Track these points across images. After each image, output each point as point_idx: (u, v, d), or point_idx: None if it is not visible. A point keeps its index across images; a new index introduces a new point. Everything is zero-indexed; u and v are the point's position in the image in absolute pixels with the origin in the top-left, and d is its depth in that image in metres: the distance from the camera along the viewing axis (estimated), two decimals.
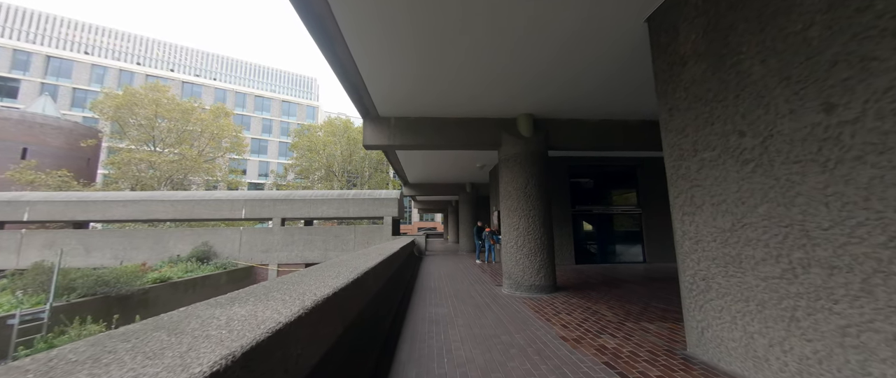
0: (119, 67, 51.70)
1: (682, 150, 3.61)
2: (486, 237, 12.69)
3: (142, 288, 9.99)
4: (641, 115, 7.61)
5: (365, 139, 7.44)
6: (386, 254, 5.23)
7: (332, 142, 39.30)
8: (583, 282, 8.12)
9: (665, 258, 11.59)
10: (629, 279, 8.41)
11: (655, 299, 6.04)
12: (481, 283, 8.16)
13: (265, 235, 16.61)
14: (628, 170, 12.28)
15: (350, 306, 2.59)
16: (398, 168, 14.19)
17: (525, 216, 6.96)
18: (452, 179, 17.25)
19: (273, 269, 16.21)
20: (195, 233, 16.52)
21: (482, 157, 12.49)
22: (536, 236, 6.90)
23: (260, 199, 16.94)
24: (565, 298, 6.26)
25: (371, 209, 17.20)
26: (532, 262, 6.81)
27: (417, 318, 5.05)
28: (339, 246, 16.84)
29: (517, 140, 7.27)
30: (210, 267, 14.48)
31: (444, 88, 6.11)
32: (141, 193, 17.19)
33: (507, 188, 7.27)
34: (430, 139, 7.51)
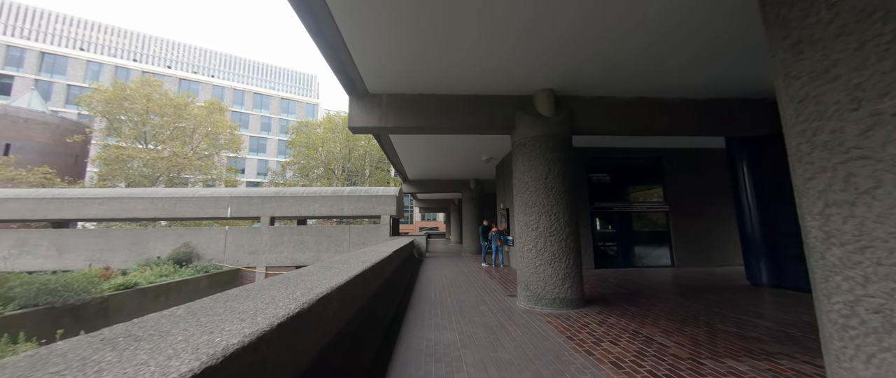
0: (115, 64, 50.66)
1: (825, 104, 2.30)
2: (493, 238, 11.40)
3: (100, 296, 8.77)
4: (685, 92, 6.30)
5: (350, 120, 6.16)
6: (370, 261, 3.96)
7: (330, 138, 38.06)
8: (611, 291, 6.81)
9: (696, 261, 10.26)
10: (666, 288, 7.09)
11: (718, 318, 4.74)
12: (491, 294, 6.87)
13: (252, 236, 15.38)
14: (653, 162, 10.95)
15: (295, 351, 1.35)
16: (396, 162, 12.91)
17: (546, 213, 5.67)
18: (455, 175, 15.96)
19: (261, 272, 14.98)
20: (177, 233, 15.31)
21: (488, 149, 11.20)
22: (560, 238, 5.60)
23: (247, 196, 15.71)
24: (599, 316, 4.96)
25: (367, 207, 15.94)
26: (555, 269, 5.51)
27: (411, 349, 3.77)
28: (332, 247, 15.59)
29: (535, 121, 5.97)
30: (190, 270, 13.26)
31: (452, 58, 4.82)
32: (119, 190, 16.01)
33: (523, 179, 5.97)
34: (430, 121, 6.22)
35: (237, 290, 2.03)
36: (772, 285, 6.87)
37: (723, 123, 6.65)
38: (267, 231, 15.45)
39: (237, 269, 15.06)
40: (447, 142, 10.45)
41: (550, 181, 5.73)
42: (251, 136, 58.27)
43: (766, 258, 6.94)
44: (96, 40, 56.96)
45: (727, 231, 10.52)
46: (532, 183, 5.83)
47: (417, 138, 9.89)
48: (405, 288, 7.47)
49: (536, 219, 5.72)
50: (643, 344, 3.76)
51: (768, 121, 6.62)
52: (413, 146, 10.80)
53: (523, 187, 5.97)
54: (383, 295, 4.70)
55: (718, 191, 10.75)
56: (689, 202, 10.63)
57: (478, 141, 10.26)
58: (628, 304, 5.74)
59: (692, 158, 10.87)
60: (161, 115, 29.74)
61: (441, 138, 10.09)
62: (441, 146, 10.91)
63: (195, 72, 60.52)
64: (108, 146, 27.06)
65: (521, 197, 6.00)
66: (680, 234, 10.44)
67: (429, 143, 10.42)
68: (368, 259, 4.21)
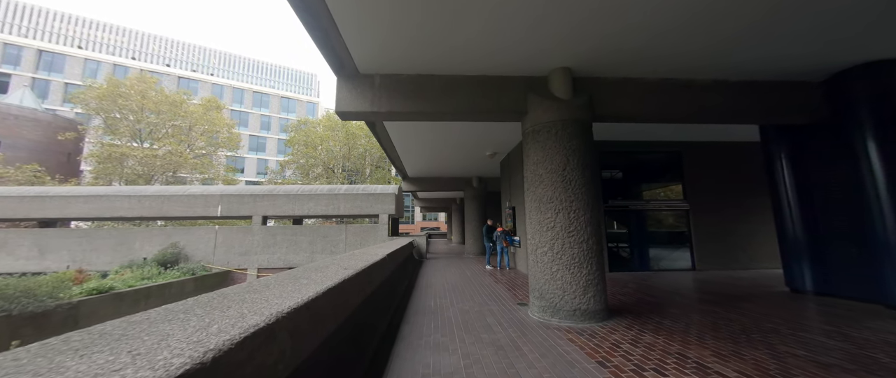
0: (113, 62, 50.14)
1: None
2: (498, 238, 10.61)
3: (67, 302, 8.01)
4: (722, 72, 5.50)
5: (338, 104, 5.38)
6: (356, 267, 3.19)
7: (329, 137, 37.31)
8: (634, 299, 6.01)
9: (719, 264, 9.44)
10: (695, 295, 6.28)
11: (775, 336, 3.93)
12: (498, 301, 6.08)
13: (244, 236, 14.62)
14: (671, 157, 10.13)
15: None
16: (394, 157, 12.14)
17: (564, 210, 4.87)
18: (457, 172, 15.18)
19: (252, 274, 14.23)
20: (164, 233, 14.57)
21: (493, 144, 10.41)
22: (581, 239, 4.80)
23: (238, 194, 14.95)
24: (631, 333, 4.16)
25: (365, 206, 15.17)
26: (575, 276, 4.72)
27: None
28: (327, 248, 14.82)
29: (550, 104, 5.18)
30: (176, 272, 12.51)
31: (460, 36, 4.04)
32: (104, 188, 15.28)
33: (537, 171, 5.18)
34: (429, 105, 5.44)
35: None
36: (818, 293, 6.05)
37: (766, 109, 5.83)
38: (259, 231, 14.69)
39: (227, 270, 14.29)
40: (449, 136, 9.68)
41: (569, 173, 4.93)
42: (251, 135, 57.71)
43: (811, 262, 6.12)
44: (94, 38, 56.48)
45: (751, 231, 9.70)
46: (547, 175, 5.04)
47: (417, 131, 9.12)
48: (402, 294, 6.69)
49: (552, 217, 4.93)
50: (698, 373, 2.97)
51: (822, 106, 5.81)
52: (412, 140, 10.03)
53: (536, 180, 5.18)
54: (373, 305, 3.92)
55: (742, 187, 9.94)
56: (711, 200, 9.81)
57: (482, 135, 9.48)
58: (659, 315, 4.94)
59: (714, 153, 10.04)
60: (156, 112, 29.04)
61: (442, 132, 9.33)
62: (442, 141, 10.14)
63: (194, 70, 60.03)
64: (100, 144, 26.37)
65: (534, 192, 5.21)
66: (701, 235, 9.62)
67: (429, 137, 9.66)
68: (353, 265, 3.44)
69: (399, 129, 8.92)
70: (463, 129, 9.04)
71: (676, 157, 10.12)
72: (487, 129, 9.01)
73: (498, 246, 10.73)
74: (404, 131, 9.08)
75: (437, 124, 8.61)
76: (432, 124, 8.61)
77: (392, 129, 8.82)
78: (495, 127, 8.75)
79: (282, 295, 1.96)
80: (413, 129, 8.94)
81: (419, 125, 8.62)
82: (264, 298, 1.86)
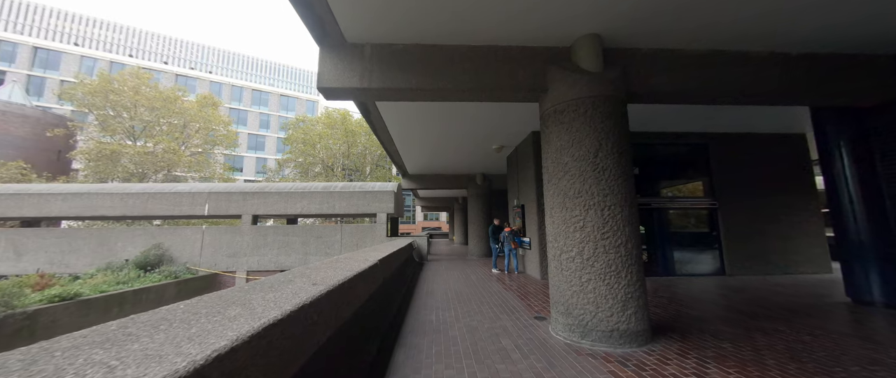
0: (110, 59, 49.43)
1: None
2: (506, 239, 9.69)
3: (22, 311, 7.11)
4: (776, 41, 4.57)
5: (321, 79, 4.47)
6: (333, 281, 2.30)
7: (327, 134, 36.42)
8: (673, 313, 5.08)
9: (752, 268, 8.50)
10: (743, 307, 5.36)
11: (885, 370, 3.01)
12: (511, 314, 5.17)
13: (232, 236, 13.72)
14: (696, 149, 9.20)
15: None
16: (392, 150, 11.23)
17: (597, 206, 3.96)
18: (460, 169, 14.27)
19: (241, 277, 13.35)
20: (148, 233, 13.70)
21: (500, 136, 9.50)
22: (618, 241, 3.89)
23: (227, 192, 14.05)
24: (689, 362, 3.24)
25: (362, 204, 14.26)
26: (612, 288, 3.80)
27: None
28: (321, 249, 13.91)
29: (577, 78, 4.26)
30: (157, 276, 11.62)
31: None
32: (84, 185, 14.40)
33: (560, 159, 4.26)
34: (429, 81, 4.53)
35: None
36: (889, 305, 5.12)
37: (828, 87, 4.90)
38: (248, 231, 13.78)
39: (214, 273, 13.40)
40: (452, 127, 8.78)
41: (601, 160, 4.01)
42: (249, 134, 57.08)
43: (881, 270, 5.19)
44: (91, 36, 55.77)
45: (785, 232, 8.76)
46: (574, 164, 4.12)
47: (416, 120, 8.21)
48: (399, 304, 5.78)
49: (582, 215, 4.01)
50: None
51: (894, 83, 4.88)
52: (411, 131, 9.12)
53: (560, 171, 4.26)
54: (358, 327, 3.02)
55: (775, 183, 9.00)
56: (742, 197, 8.88)
57: (488, 126, 8.58)
58: (713, 336, 4.01)
59: (744, 145, 9.11)
60: (150, 108, 28.20)
61: (445, 122, 8.43)
62: (444, 132, 9.23)
63: (192, 68, 59.24)
64: (90, 141, 25.53)
65: (557, 184, 4.29)
66: (732, 236, 8.68)
67: (430, 127, 8.75)
68: (328, 278, 2.54)
69: (397, 119, 8.02)
70: (467, 120, 8.13)
71: (701, 151, 9.19)
72: (494, 119, 8.11)
73: (505, 247, 9.82)
74: (403, 121, 8.18)
75: (439, 113, 7.71)
76: (434, 113, 7.71)
77: (389, 117, 7.92)
78: (503, 117, 7.85)
79: (174, 342, 1.07)
80: (412, 118, 8.03)
81: (419, 114, 7.72)
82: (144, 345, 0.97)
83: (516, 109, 7.46)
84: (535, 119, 8.08)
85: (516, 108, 7.43)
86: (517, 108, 7.38)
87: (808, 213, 8.94)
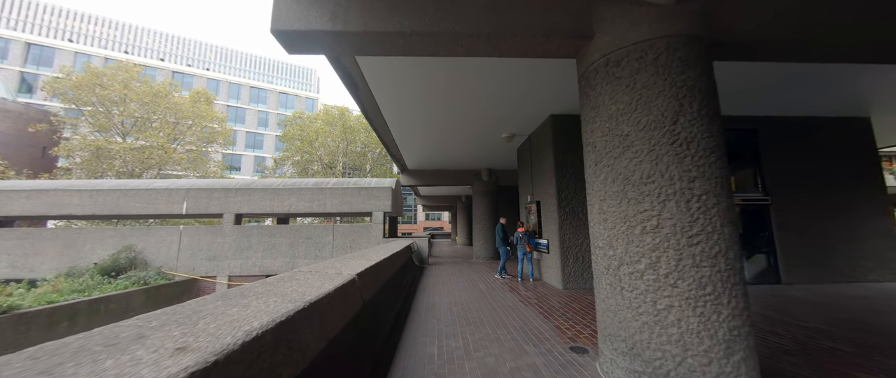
0: (104, 56, 48.41)
1: None
2: (520, 241, 8.39)
3: None
4: None
5: (276, 19, 3.18)
6: (280, 314, 1.01)
7: (325, 131, 35.19)
8: (773, 347, 3.75)
9: (814, 276, 7.16)
10: (849, 334, 4.03)
11: None
12: (538, 342, 3.86)
13: (213, 237, 12.43)
14: (743, 136, 7.86)
15: None
16: (388, 140, 9.93)
17: (678, 196, 2.65)
18: (464, 163, 12.96)
19: (222, 283, 12.09)
20: (120, 234, 12.45)
21: (512, 122, 8.20)
22: (715, 249, 2.58)
23: (207, 188, 12.75)
24: None
25: (356, 202, 12.95)
26: (708, 322, 2.48)
27: None
28: (311, 251, 12.62)
29: (642, 12, 2.96)
30: (125, 282, 10.37)
31: None
32: (51, 182, 13.15)
33: (618, 129, 2.96)
34: (429, 22, 3.22)
35: None
36: None
37: None
38: (230, 232, 12.49)
39: (192, 278, 12.14)
40: (456, 113, 7.49)
41: (684, 128, 2.70)
42: (247, 132, 56.11)
43: None
44: (86, 32, 54.75)
45: (850, 233, 7.41)
46: (640, 136, 2.81)
47: (415, 103, 6.91)
48: (392, 326, 4.48)
49: (655, 209, 2.69)
50: None
51: None
52: (410, 117, 7.82)
53: (617, 146, 2.95)
54: None
55: (839, 175, 7.67)
56: (798, 192, 7.54)
57: (498, 110, 7.27)
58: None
59: (802, 130, 7.78)
60: (140, 103, 26.99)
61: (449, 107, 7.14)
62: (448, 118, 7.94)
63: (189, 65, 58.18)
64: (75, 137, 24.35)
65: (613, 166, 2.97)
66: (787, 238, 7.34)
67: (432, 112, 7.45)
68: (278, 311, 1.24)
69: (391, 98, 6.71)
70: (474, 101, 6.83)
71: (750, 137, 7.85)
72: (505, 100, 6.80)
73: (519, 251, 8.51)
74: (399, 101, 6.88)
75: (442, 93, 6.41)
76: (436, 93, 6.40)
77: (383, 97, 6.62)
78: (516, 97, 6.54)
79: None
80: (410, 98, 6.73)
81: (418, 93, 6.42)
82: None
83: (535, 86, 6.16)
84: (555, 99, 6.78)
85: (534, 86, 6.13)
86: (535, 85, 6.08)
87: (876, 210, 7.60)
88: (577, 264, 7.04)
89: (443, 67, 5.45)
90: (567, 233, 7.12)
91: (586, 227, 7.14)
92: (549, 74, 5.69)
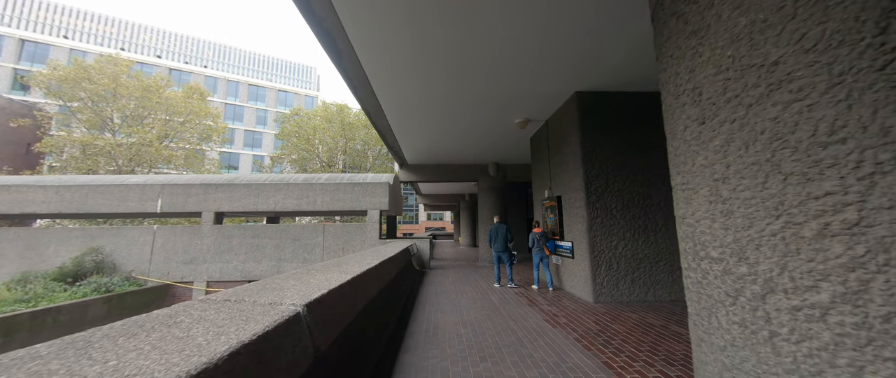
0: (100, 53, 47.37)
1: None
2: (538, 243, 7.15)
3: None
4: None
5: None
6: None
7: (323, 128, 34.06)
8: None
9: None
10: None
11: None
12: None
13: (190, 238, 11.23)
14: None
15: None
16: (384, 128, 8.70)
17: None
18: (469, 156, 11.72)
19: (200, 289, 10.90)
20: (88, 234, 11.28)
21: (528, 102, 6.96)
22: None
23: (185, 184, 11.53)
24: None
25: (349, 199, 11.72)
26: None
27: None
28: (299, 253, 11.40)
29: None
30: (84, 289, 9.18)
31: None
32: (11, 178, 11.99)
33: (755, 48, 1.69)
34: None
35: None
36: None
37: None
38: (210, 232, 11.28)
39: (166, 284, 10.95)
40: (461, 93, 6.25)
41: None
42: (246, 130, 55.24)
43: None
44: (81, 28, 53.90)
45: None
46: (803, 61, 1.54)
47: (412, 80, 5.67)
48: (378, 361, 3.24)
49: (854, 192, 1.42)
50: None
51: None
52: (407, 97, 6.58)
53: (752, 82, 1.69)
54: None
55: None
56: None
57: (511, 85, 6.03)
58: None
59: None
60: (129, 98, 25.95)
61: (452, 87, 5.90)
62: (451, 100, 6.70)
63: (187, 62, 57.28)
64: (59, 133, 23.32)
65: (745, 120, 1.72)
66: None
67: (432, 92, 6.20)
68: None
69: (384, 69, 5.47)
70: (482, 78, 5.59)
71: None
72: (520, 76, 5.56)
73: (535, 255, 7.27)
74: (393, 74, 5.63)
75: (445, 68, 5.17)
76: (437, 67, 5.17)
77: (374, 68, 5.38)
78: (531, 66, 5.29)
79: None
80: (406, 74, 5.48)
81: (417, 68, 5.18)
82: None
83: (552, 50, 4.91)
84: (579, 71, 5.54)
85: (551, 51, 4.88)
86: (552, 49, 4.83)
87: None
88: (612, 272, 5.79)
89: (440, 27, 4.23)
90: (598, 234, 5.87)
91: (623, 227, 5.90)
92: (569, 35, 4.47)
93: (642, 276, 5.82)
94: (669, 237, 5.93)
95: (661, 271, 5.85)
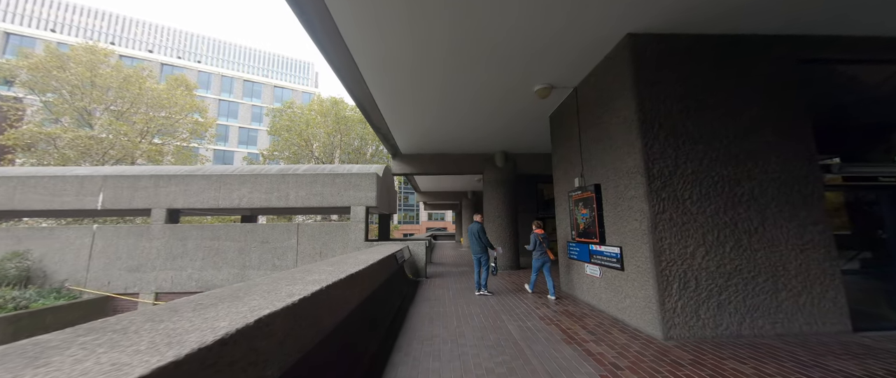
0: None
1: None
2: (539, 247, 5.34)
3: None
4: None
5: None
6: None
7: (316, 122, 32.22)
8: None
9: None
10: None
11: None
12: None
13: (137, 240, 9.29)
14: None
15: None
16: (370, 107, 6.78)
17: None
18: (473, 144, 9.82)
19: (147, 302, 9.01)
20: (14, 236, 9.39)
21: (549, 65, 5.08)
22: None
23: (131, 176, 9.59)
24: None
25: (329, 194, 9.76)
26: None
27: None
28: (268, 258, 9.47)
29: None
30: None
31: None
32: None
33: None
34: None
35: None
36: None
37: None
38: (161, 232, 9.36)
39: (105, 297, 9.08)
40: (465, 49, 4.35)
41: None
42: (240, 128, 53.58)
43: None
44: (70, 22, 52.23)
45: None
46: None
47: (405, 39, 3.78)
48: None
49: None
50: None
51: None
52: (398, 60, 4.67)
53: None
54: None
55: None
56: None
57: (529, 39, 4.14)
58: None
59: None
60: (105, 88, 24.21)
61: (454, 47, 4.01)
62: (456, 66, 4.79)
63: (180, 57, 55.56)
64: (29, 124, 21.58)
65: None
66: None
67: (430, 53, 4.31)
68: None
69: (372, 21, 3.58)
70: (493, 27, 3.71)
71: None
72: (550, 16, 3.68)
73: (536, 260, 5.47)
74: (380, 36, 3.74)
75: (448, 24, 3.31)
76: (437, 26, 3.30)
77: (361, 18, 3.50)
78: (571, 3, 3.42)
79: None
80: (390, 26, 3.59)
81: (413, 26, 3.31)
82: None
83: None
84: (638, 8, 3.66)
85: None
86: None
87: None
88: (688, 292, 3.90)
89: None
90: (666, 235, 3.99)
91: (703, 226, 4.02)
92: None
93: (733, 297, 3.94)
94: (769, 242, 4.04)
95: (760, 291, 3.96)
